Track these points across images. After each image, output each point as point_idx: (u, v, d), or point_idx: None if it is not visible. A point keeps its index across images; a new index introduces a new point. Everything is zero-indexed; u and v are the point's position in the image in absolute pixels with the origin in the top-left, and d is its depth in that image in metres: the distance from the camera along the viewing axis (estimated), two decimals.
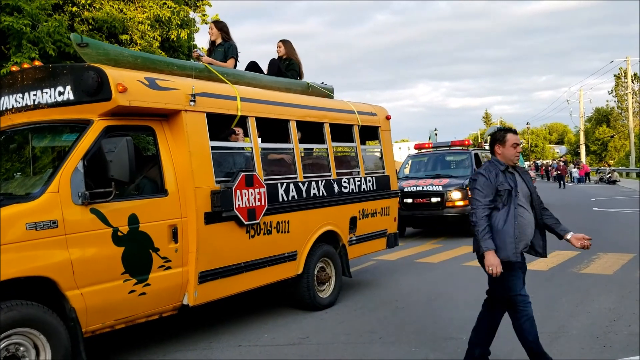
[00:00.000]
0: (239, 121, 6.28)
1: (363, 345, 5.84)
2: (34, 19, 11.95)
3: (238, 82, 6.77)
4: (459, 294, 7.81)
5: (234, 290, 6.04)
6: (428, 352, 5.52)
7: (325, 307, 7.19)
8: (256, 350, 5.78)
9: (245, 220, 5.91)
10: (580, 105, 59.29)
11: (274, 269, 6.46)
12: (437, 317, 6.70)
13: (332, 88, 8.55)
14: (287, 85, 7.55)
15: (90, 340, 5.05)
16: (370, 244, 8.16)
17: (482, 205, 4.63)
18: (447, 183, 13.99)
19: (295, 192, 6.70)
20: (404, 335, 6.05)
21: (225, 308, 7.13)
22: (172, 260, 5.40)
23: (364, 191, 7.91)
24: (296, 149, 6.84)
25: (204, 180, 5.64)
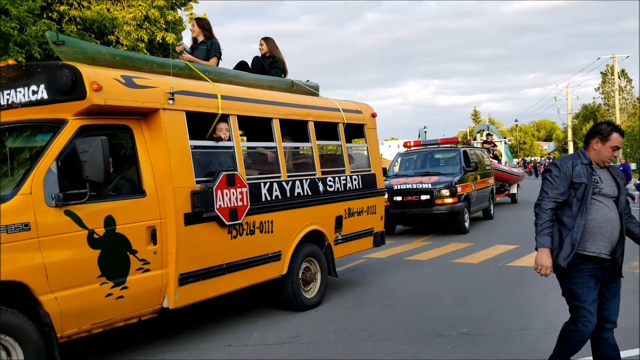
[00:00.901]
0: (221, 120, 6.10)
1: (353, 343, 5.77)
2: (22, 22, 11.79)
3: (220, 79, 6.58)
4: (448, 292, 7.77)
5: (216, 292, 5.86)
6: (417, 350, 5.46)
7: (311, 307, 7.03)
8: (246, 349, 5.69)
9: (227, 220, 5.74)
10: (567, 102, 59.42)
11: (257, 270, 6.28)
12: (427, 314, 6.66)
13: (317, 86, 8.38)
14: (270, 83, 7.37)
15: (78, 340, 4.96)
16: (356, 243, 8.00)
17: (548, 198, 4.15)
18: (436, 181, 13.91)
19: (278, 192, 6.53)
20: (394, 333, 5.99)
21: (214, 308, 7.01)
22: (150, 263, 5.22)
23: (349, 190, 7.75)
24: (279, 147, 6.66)
25: (184, 180, 5.46)
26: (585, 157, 4.23)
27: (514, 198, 22.53)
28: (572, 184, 4.14)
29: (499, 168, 20.10)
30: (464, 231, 13.88)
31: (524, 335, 5.75)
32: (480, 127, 36.21)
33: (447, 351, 5.38)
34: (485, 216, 17.17)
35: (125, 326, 5.34)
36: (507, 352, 5.26)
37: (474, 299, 7.30)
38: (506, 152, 27.07)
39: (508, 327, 6.04)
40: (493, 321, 6.26)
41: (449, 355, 5.30)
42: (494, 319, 6.33)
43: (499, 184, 20.37)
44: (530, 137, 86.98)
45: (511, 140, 57.25)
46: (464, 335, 5.82)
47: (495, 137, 27.49)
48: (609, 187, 4.17)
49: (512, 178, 21.68)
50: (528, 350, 5.31)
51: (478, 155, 16.75)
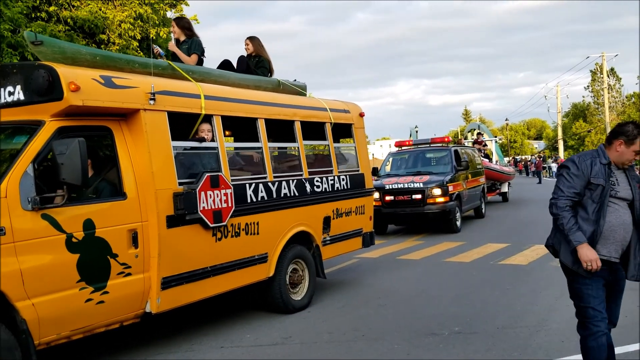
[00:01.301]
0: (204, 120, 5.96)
1: (346, 343, 5.73)
2: (15, 24, 11.65)
3: (204, 79, 6.45)
4: (440, 291, 7.73)
5: (201, 296, 5.72)
6: (410, 349, 5.43)
7: (299, 309, 6.89)
8: (239, 351, 5.62)
9: (211, 222, 5.60)
10: (557, 101, 59.48)
11: (243, 272, 6.14)
12: (419, 313, 6.63)
13: (304, 85, 8.25)
14: (256, 83, 7.23)
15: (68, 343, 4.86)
16: (345, 244, 7.87)
17: (564, 196, 3.91)
18: (428, 180, 13.83)
19: (264, 193, 6.39)
20: (387, 333, 5.94)
21: (207, 309, 6.93)
22: (132, 267, 5.07)
23: (337, 190, 7.62)
24: (265, 148, 6.52)
25: (166, 182, 5.32)
26: (604, 156, 3.99)
27: (505, 197, 22.49)
28: (589, 184, 3.92)
29: (490, 167, 20.05)
30: (456, 230, 13.82)
31: (515, 333, 5.71)
32: (471, 126, 36.14)
33: (440, 350, 5.35)
34: (476, 215, 17.12)
35: (118, 328, 5.23)
36: (499, 350, 5.23)
37: (466, 298, 7.27)
38: (497, 150, 27.03)
39: (500, 325, 6.01)
40: (485, 319, 6.23)
41: (441, 353, 5.26)
42: (486, 317, 6.30)
43: (490, 183, 20.33)
44: (520, 136, 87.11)
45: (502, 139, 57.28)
46: (456, 334, 5.78)
47: (486, 136, 27.44)
48: (625, 190, 3.97)
49: (503, 177, 21.65)
50: (520, 348, 5.27)
51: (469, 154, 16.69)
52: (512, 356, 5.09)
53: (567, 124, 64.67)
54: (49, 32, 14.05)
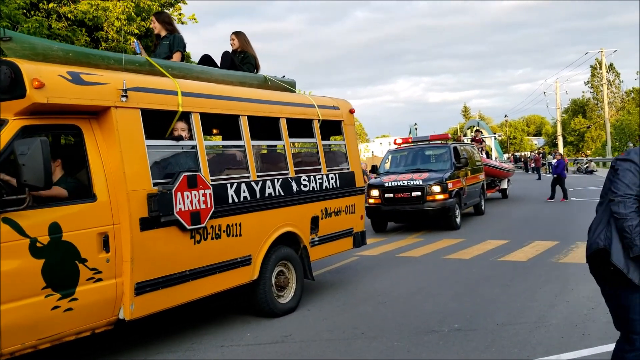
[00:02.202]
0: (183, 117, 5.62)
1: (345, 341, 5.62)
2: (13, 20, 11.41)
3: (185, 76, 6.11)
4: (440, 288, 7.62)
5: (179, 301, 5.38)
6: (410, 346, 5.35)
7: (285, 313, 6.55)
8: (239, 349, 5.51)
9: (188, 224, 5.26)
10: (556, 97, 58.96)
11: (225, 276, 5.80)
12: (419, 310, 6.53)
13: (293, 82, 7.90)
14: (241, 79, 6.88)
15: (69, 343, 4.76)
16: (335, 244, 7.52)
17: (632, 195, 3.41)
18: (427, 177, 13.61)
19: (247, 193, 6.05)
20: (386, 330, 5.85)
21: (206, 308, 6.75)
22: (103, 272, 4.74)
23: (326, 189, 7.27)
24: (248, 146, 6.18)
25: (139, 182, 4.98)
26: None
27: (504, 193, 22.16)
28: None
29: (490, 164, 19.80)
30: (456, 227, 13.59)
31: (515, 330, 5.61)
32: (471, 123, 35.79)
33: (440, 347, 5.26)
34: (476, 212, 16.87)
35: (117, 327, 5.08)
36: (499, 346, 5.16)
37: (466, 295, 7.14)
38: (496, 147, 26.68)
39: (499, 322, 5.91)
40: (485, 316, 6.13)
41: (441, 351, 5.17)
42: (486, 314, 6.21)
43: (489, 180, 20.05)
44: (520, 133, 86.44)
45: (501, 136, 56.79)
46: (456, 331, 5.68)
47: (486, 133, 27.08)
48: None
49: (502, 173, 21.33)
50: (519, 345, 5.19)
51: (468, 151, 16.48)
52: (512, 353, 5.01)
53: (566, 120, 64.13)
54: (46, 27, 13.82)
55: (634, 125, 45.22)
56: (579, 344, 5.11)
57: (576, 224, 13.23)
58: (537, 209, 17.38)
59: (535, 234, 11.91)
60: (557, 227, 12.95)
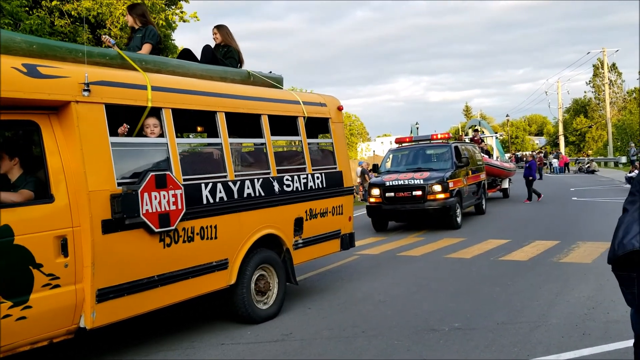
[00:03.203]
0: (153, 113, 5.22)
1: (346, 339, 5.51)
2: (15, 18, 11.23)
3: (160, 70, 5.71)
4: (440, 287, 7.49)
5: (147, 308, 4.96)
6: (410, 345, 5.25)
7: (266, 319, 6.14)
8: (239, 348, 5.39)
9: (156, 227, 4.86)
10: (558, 97, 58.24)
11: (199, 281, 5.39)
12: (419, 309, 6.42)
13: (280, 78, 7.47)
14: (222, 74, 6.46)
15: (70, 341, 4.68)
16: (320, 247, 7.08)
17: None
18: (428, 176, 13.34)
19: (224, 193, 5.64)
20: (386, 329, 5.75)
21: (206, 306, 6.53)
22: (60, 277, 4.35)
23: (311, 189, 6.85)
24: (225, 144, 5.76)
25: (101, 182, 4.58)
26: None
27: (505, 193, 21.72)
28: None
29: (491, 163, 19.43)
30: (456, 226, 13.31)
31: (515, 329, 5.52)
32: (472, 122, 35.30)
33: (440, 346, 5.17)
34: (477, 211, 16.54)
35: (116, 326, 4.96)
36: (499, 345, 5.08)
37: (466, 294, 7.02)
38: (498, 147, 26.21)
39: (500, 321, 5.82)
40: (485, 315, 6.04)
41: (441, 349, 5.09)
42: (486, 313, 6.11)
43: (490, 179, 19.67)
44: (522, 132, 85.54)
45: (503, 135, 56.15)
46: (456, 330, 5.58)
47: (487, 132, 26.62)
48: None
49: (503, 173, 20.89)
50: (520, 344, 5.10)
51: (469, 151, 16.18)
52: (512, 352, 4.92)
53: (568, 120, 63.38)
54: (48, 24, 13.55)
55: (636, 125, 44.49)
56: (579, 343, 5.02)
57: (577, 224, 13.18)
58: (538, 209, 17.17)
59: (535, 234, 11.72)
60: (558, 227, 12.78)
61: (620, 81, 58.75)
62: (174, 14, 18.04)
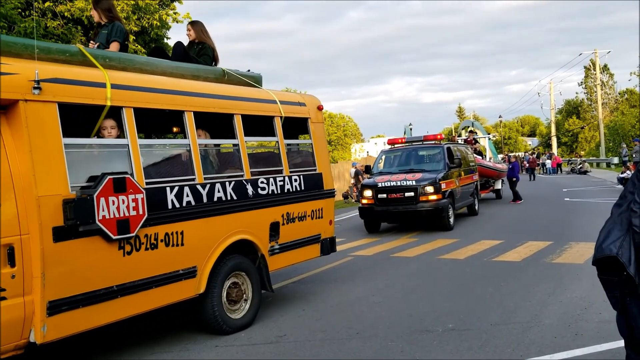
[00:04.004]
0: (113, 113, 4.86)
1: (340, 341, 5.45)
2: (9, 20, 11.12)
3: (126, 67, 5.35)
4: (434, 287, 7.44)
5: (106, 320, 4.59)
6: (404, 345, 5.20)
7: (239, 329, 5.79)
8: (233, 350, 5.32)
9: (114, 234, 4.49)
10: (550, 98, 58.01)
11: (164, 290, 5.02)
12: (413, 310, 6.36)
13: (259, 76, 7.11)
14: (194, 72, 6.10)
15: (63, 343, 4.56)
16: (299, 252, 6.72)
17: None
18: (421, 177, 13.10)
19: (191, 197, 5.28)
20: (381, 330, 5.70)
21: None
22: (7, 289, 3.98)
23: (288, 192, 6.49)
24: (193, 145, 5.40)
25: (53, 186, 4.21)
26: None
27: (498, 194, 21.45)
28: None
29: (483, 164, 19.14)
30: (449, 228, 13.08)
31: (509, 330, 5.47)
32: (465, 123, 34.92)
33: (434, 346, 5.13)
34: (469, 212, 16.29)
35: (111, 328, 4.92)
36: (492, 346, 5.05)
37: (460, 295, 6.96)
38: (491, 147, 25.88)
39: (493, 321, 5.77)
40: (478, 316, 5.99)
41: (435, 350, 5.05)
42: (480, 314, 6.06)
43: (483, 180, 19.37)
44: (514, 133, 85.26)
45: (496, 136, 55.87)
46: (450, 331, 5.55)
47: (480, 133, 26.28)
48: None
49: (496, 174, 20.59)
50: (513, 344, 5.06)
51: (462, 152, 15.90)
52: (505, 352, 4.88)
53: (560, 121, 63.13)
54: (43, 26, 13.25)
55: (628, 126, 44.28)
56: (571, 343, 4.99)
57: (569, 225, 13.03)
58: (531, 210, 17.00)
59: (528, 235, 11.61)
60: (551, 228, 12.63)
61: (612, 82, 58.53)
62: (167, 14, 17.79)
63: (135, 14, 14.97)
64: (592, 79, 55.19)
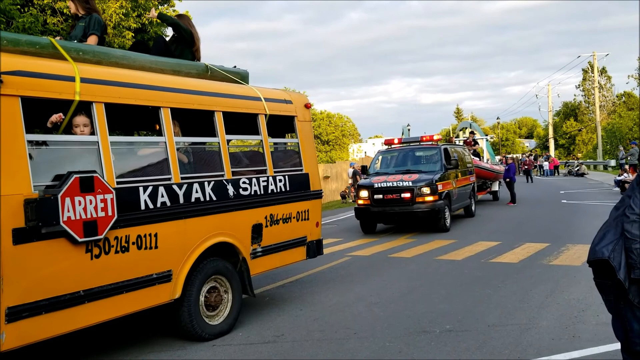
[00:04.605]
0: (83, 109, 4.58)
1: (338, 341, 5.40)
2: (8, 16, 10.98)
3: (101, 61, 5.08)
4: (431, 288, 7.38)
5: (71, 327, 4.30)
6: (402, 346, 5.18)
7: (217, 336, 5.52)
8: (230, 349, 5.27)
9: (80, 236, 4.21)
10: (548, 100, 57.68)
11: (136, 295, 4.74)
12: (411, 311, 6.32)
13: (245, 73, 6.83)
14: (175, 67, 5.82)
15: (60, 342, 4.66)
16: (283, 255, 6.45)
17: None
18: (417, 178, 12.87)
19: (167, 197, 5.00)
20: (378, 330, 5.66)
21: None
22: None
23: (272, 193, 6.22)
24: (170, 143, 5.12)
25: (13, 186, 3.93)
26: None
27: (495, 195, 21.17)
28: None
29: (481, 165, 18.89)
30: (445, 229, 12.87)
31: (506, 331, 5.44)
32: (463, 124, 34.66)
33: (431, 348, 5.10)
34: (466, 214, 16.06)
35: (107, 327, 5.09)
36: (490, 347, 5.02)
37: (457, 296, 6.91)
38: (488, 149, 25.62)
39: (491, 323, 5.73)
40: (476, 317, 5.96)
41: (433, 351, 5.02)
42: (477, 315, 6.03)
43: (480, 182, 19.12)
44: (512, 135, 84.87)
45: (493, 138, 55.57)
46: (447, 332, 5.51)
47: (478, 135, 26.02)
48: None
49: (493, 175, 20.32)
50: (511, 346, 5.03)
51: (459, 153, 15.67)
52: (503, 354, 4.86)
53: (558, 123, 62.80)
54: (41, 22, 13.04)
55: (625, 129, 44.02)
56: (569, 345, 4.99)
57: (567, 227, 12.86)
58: (528, 211, 16.78)
59: (526, 236, 11.51)
60: (548, 230, 12.48)
61: (609, 85, 58.23)
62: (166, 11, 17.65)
63: (135, 11, 14.79)
64: (590, 81, 54.90)
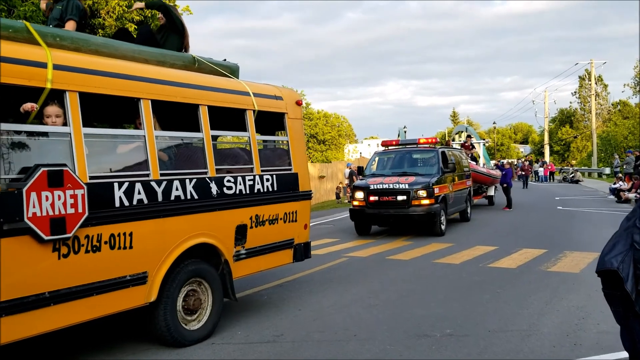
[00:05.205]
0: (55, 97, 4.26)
1: (338, 343, 5.34)
2: (9, 4, 10.79)
3: (80, 49, 4.77)
4: (430, 291, 7.33)
5: (35, 331, 3.96)
6: (402, 350, 5.09)
7: (195, 342, 5.21)
8: (230, 348, 5.22)
9: (47, 234, 3.90)
10: (545, 106, 57.57)
11: (107, 298, 4.42)
12: (410, 314, 6.26)
13: (236, 66, 6.50)
14: (160, 58, 5.50)
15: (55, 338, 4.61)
16: (268, 258, 6.13)
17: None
18: (414, 181, 12.60)
19: (144, 194, 4.68)
20: (378, 333, 5.59)
21: None
22: None
23: (258, 192, 5.91)
24: (149, 137, 4.80)
25: None
26: None
27: (491, 200, 20.93)
28: None
29: (477, 170, 18.64)
30: (440, 233, 12.64)
31: (507, 337, 5.36)
32: (459, 128, 34.44)
33: (432, 352, 5.03)
34: (462, 218, 15.80)
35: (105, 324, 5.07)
36: (492, 353, 4.94)
37: (457, 300, 6.84)
38: (484, 154, 25.38)
39: (491, 328, 5.66)
40: (476, 322, 5.91)
41: (434, 355, 4.94)
42: (477, 320, 5.98)
43: (476, 186, 18.85)
44: (507, 140, 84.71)
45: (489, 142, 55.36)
46: (448, 336, 5.43)
47: (474, 139, 25.77)
48: None
49: (490, 180, 20.07)
50: (512, 352, 4.94)
51: (456, 156, 15.40)
52: None
53: (553, 129, 62.70)
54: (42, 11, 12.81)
55: (620, 137, 43.90)
56: (570, 353, 4.92)
57: (563, 233, 12.72)
58: (524, 217, 16.60)
59: (522, 242, 11.42)
60: (544, 235, 12.34)
61: (605, 93, 58.15)
62: None
63: None
64: (587, 89, 54.78)
